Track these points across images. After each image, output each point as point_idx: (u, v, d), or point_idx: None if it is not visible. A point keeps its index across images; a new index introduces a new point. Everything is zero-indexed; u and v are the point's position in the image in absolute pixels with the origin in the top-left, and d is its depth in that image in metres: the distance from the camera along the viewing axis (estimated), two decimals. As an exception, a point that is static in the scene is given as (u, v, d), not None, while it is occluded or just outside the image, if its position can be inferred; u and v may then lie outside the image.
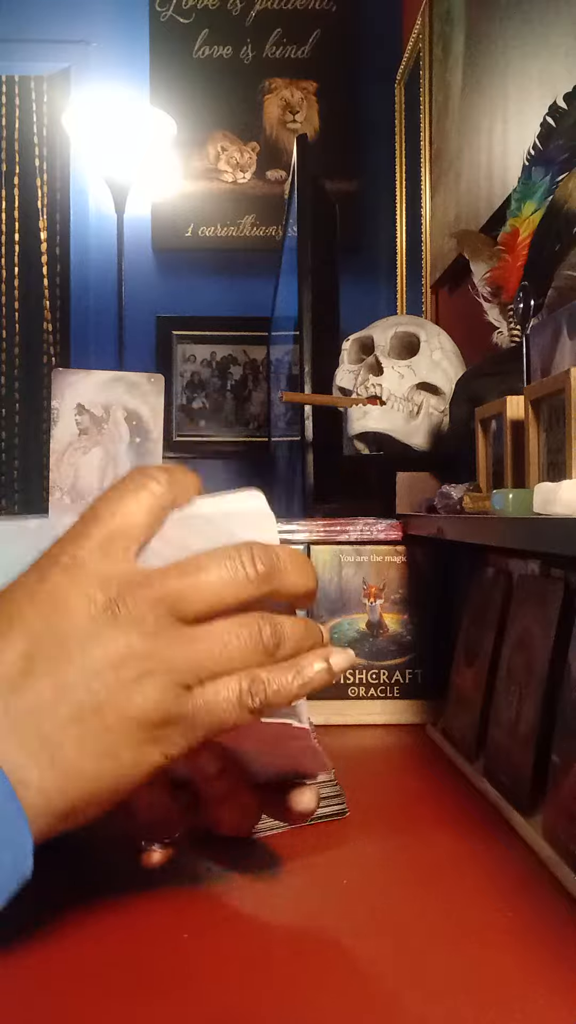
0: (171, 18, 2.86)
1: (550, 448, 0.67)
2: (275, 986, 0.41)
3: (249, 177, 2.87)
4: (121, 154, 2.49)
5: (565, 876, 0.51)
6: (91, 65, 2.88)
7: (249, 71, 2.87)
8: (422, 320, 1.33)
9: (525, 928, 0.47)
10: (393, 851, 0.58)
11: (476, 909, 0.49)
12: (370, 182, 2.81)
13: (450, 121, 1.73)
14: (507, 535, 0.64)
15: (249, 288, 2.83)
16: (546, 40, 1.16)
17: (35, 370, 3.28)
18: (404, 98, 2.24)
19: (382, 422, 1.20)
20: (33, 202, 3.25)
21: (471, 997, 0.40)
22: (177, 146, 2.76)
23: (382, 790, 0.70)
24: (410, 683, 0.93)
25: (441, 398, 1.22)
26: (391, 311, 2.41)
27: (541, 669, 0.62)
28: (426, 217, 1.94)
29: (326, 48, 2.87)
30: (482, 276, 1.00)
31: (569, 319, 0.68)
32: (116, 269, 2.65)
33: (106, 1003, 0.39)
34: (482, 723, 0.73)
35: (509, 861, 0.55)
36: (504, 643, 0.71)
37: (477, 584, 0.81)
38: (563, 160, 0.88)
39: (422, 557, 0.95)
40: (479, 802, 0.66)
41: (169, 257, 2.89)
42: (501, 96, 1.37)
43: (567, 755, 0.55)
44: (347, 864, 0.55)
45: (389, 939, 0.46)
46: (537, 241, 0.87)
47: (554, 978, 0.42)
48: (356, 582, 0.95)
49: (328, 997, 0.40)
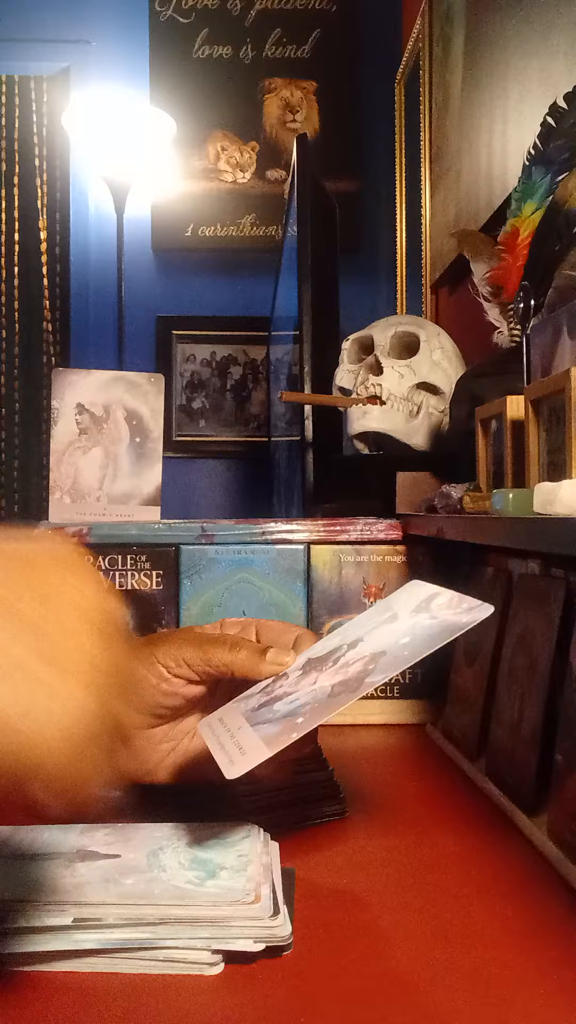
0: (171, 18, 2.86)
1: (550, 448, 0.67)
2: (275, 986, 0.41)
3: (249, 177, 2.87)
4: (121, 154, 2.49)
5: (570, 874, 0.51)
6: (91, 65, 2.87)
7: (249, 71, 2.87)
8: (422, 320, 1.33)
9: (530, 927, 0.47)
10: (394, 850, 0.58)
11: (479, 908, 0.49)
12: (370, 182, 2.81)
13: (450, 121, 1.73)
14: (507, 535, 0.64)
15: (249, 288, 2.83)
16: (546, 40, 1.16)
17: (35, 370, 3.28)
18: (404, 98, 2.24)
19: (382, 422, 1.20)
20: (33, 202, 3.25)
21: (473, 996, 0.40)
22: (177, 146, 2.76)
23: (382, 790, 0.70)
24: (410, 683, 0.93)
25: (441, 398, 1.22)
26: (391, 311, 2.41)
27: (543, 668, 0.62)
28: (426, 217, 1.94)
29: (326, 48, 2.87)
30: (482, 276, 1.00)
31: (569, 319, 0.68)
32: (116, 269, 2.65)
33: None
34: (483, 723, 0.73)
35: (512, 860, 0.55)
36: (505, 643, 0.71)
37: (477, 584, 0.81)
38: (563, 160, 0.88)
39: (422, 557, 0.95)
40: (481, 802, 0.66)
41: (169, 257, 2.89)
42: (501, 96, 1.37)
43: (570, 754, 0.55)
44: (347, 864, 0.55)
45: (390, 939, 0.46)
46: (537, 241, 0.87)
47: (555, 978, 0.42)
48: (356, 582, 0.95)
49: (328, 996, 0.40)
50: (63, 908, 0.44)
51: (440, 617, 0.54)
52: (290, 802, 0.62)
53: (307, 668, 0.56)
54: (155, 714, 0.57)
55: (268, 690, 0.56)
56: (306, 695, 0.52)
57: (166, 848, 0.52)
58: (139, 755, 0.58)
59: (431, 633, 0.52)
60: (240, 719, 0.54)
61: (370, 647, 0.54)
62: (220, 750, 0.51)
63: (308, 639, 0.60)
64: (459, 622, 0.52)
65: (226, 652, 0.56)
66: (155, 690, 0.56)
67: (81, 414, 1.06)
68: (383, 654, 0.52)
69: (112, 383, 1.07)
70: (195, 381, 2.91)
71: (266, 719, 0.52)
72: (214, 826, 0.54)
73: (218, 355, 2.92)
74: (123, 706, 0.56)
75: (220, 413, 2.91)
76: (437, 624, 0.53)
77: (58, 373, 1.07)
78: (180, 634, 0.59)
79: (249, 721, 0.53)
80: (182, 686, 0.57)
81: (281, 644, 0.60)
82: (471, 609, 0.53)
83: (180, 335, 2.90)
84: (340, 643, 0.57)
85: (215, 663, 0.56)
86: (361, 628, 0.58)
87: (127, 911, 0.44)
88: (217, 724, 0.55)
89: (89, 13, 2.86)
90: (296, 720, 0.50)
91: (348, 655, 0.55)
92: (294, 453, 1.78)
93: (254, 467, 2.88)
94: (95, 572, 0.40)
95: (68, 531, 0.96)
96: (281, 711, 0.52)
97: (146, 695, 0.56)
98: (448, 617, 0.53)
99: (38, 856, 0.51)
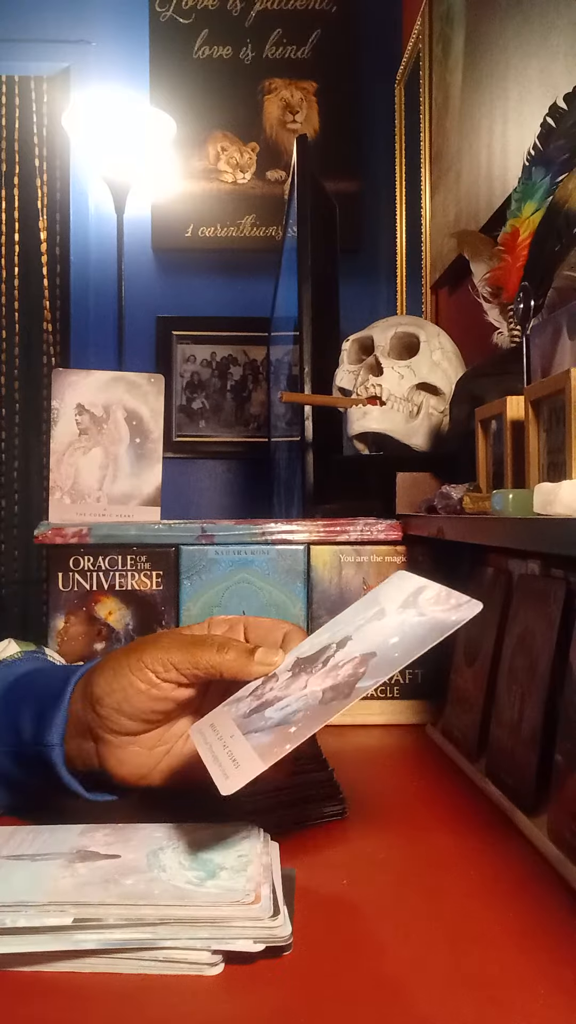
0: (171, 18, 2.86)
1: (550, 448, 0.67)
2: (275, 986, 0.41)
3: (249, 177, 2.87)
4: (121, 154, 2.49)
5: (570, 874, 0.51)
6: (91, 65, 2.87)
7: (249, 71, 2.87)
8: (422, 320, 1.33)
9: (529, 928, 0.47)
10: (394, 850, 0.58)
11: (479, 909, 0.49)
12: (370, 182, 2.81)
13: (450, 121, 1.73)
14: (507, 535, 0.64)
15: (249, 288, 2.83)
16: (546, 40, 1.16)
17: (35, 370, 3.27)
18: (404, 98, 2.24)
19: (382, 422, 1.20)
20: (33, 202, 3.25)
21: (473, 996, 0.40)
22: (177, 146, 2.76)
23: (382, 790, 0.70)
24: (410, 683, 0.93)
25: (441, 398, 1.22)
26: (391, 311, 2.41)
27: (543, 669, 0.62)
28: (426, 217, 1.94)
29: (326, 48, 2.86)
30: (482, 276, 1.00)
31: (569, 319, 0.68)
32: (116, 269, 2.65)
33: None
34: (483, 723, 0.73)
35: (512, 860, 0.55)
36: (505, 643, 0.71)
37: (477, 584, 0.81)
38: (563, 160, 0.88)
39: (422, 557, 0.95)
40: (481, 802, 0.66)
41: (169, 257, 2.89)
42: (501, 96, 1.37)
43: (570, 754, 0.55)
44: (347, 864, 0.55)
45: (390, 939, 0.46)
46: (537, 241, 0.87)
47: (555, 978, 0.42)
48: (356, 582, 0.95)
49: (328, 996, 0.40)
50: (63, 908, 0.44)
51: (429, 614, 0.53)
52: (290, 802, 0.62)
53: (296, 669, 0.55)
54: (147, 719, 0.57)
55: (258, 693, 0.55)
56: (297, 700, 0.52)
57: (166, 848, 0.52)
58: (134, 760, 0.58)
59: (420, 632, 0.52)
60: (232, 726, 0.53)
61: (359, 647, 0.54)
62: (213, 761, 0.51)
63: (297, 635, 0.60)
64: (448, 621, 0.52)
65: (214, 654, 0.56)
66: (145, 696, 0.56)
67: (81, 414, 1.06)
68: (373, 655, 0.52)
69: (112, 383, 1.07)
70: (195, 381, 2.91)
71: (258, 727, 0.51)
72: (214, 826, 0.54)
73: (218, 355, 2.91)
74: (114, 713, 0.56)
75: (220, 413, 2.91)
76: (426, 622, 0.53)
77: (58, 373, 1.07)
78: (167, 637, 0.59)
79: (241, 729, 0.52)
80: (172, 690, 0.57)
81: (269, 642, 0.60)
82: (459, 606, 0.53)
83: (180, 335, 2.90)
84: (329, 641, 0.57)
85: (203, 665, 0.56)
86: (349, 624, 0.58)
87: (127, 911, 0.44)
88: (209, 731, 0.55)
89: (89, 13, 2.86)
90: (289, 729, 0.49)
91: (337, 655, 0.54)
92: (294, 453, 1.78)
93: (254, 467, 2.88)
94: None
95: (68, 531, 0.96)
96: (273, 718, 0.51)
97: (137, 701, 0.56)
98: (437, 614, 0.53)
99: (38, 856, 0.51)
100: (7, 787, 0.63)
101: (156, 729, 0.58)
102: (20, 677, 0.65)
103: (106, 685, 0.57)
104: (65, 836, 0.54)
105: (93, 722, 0.57)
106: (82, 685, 0.59)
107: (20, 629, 3.17)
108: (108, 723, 0.57)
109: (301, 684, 0.53)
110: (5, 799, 0.63)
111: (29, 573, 3.21)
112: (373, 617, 0.57)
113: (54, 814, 0.59)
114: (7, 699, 0.63)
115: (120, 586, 0.96)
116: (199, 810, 0.56)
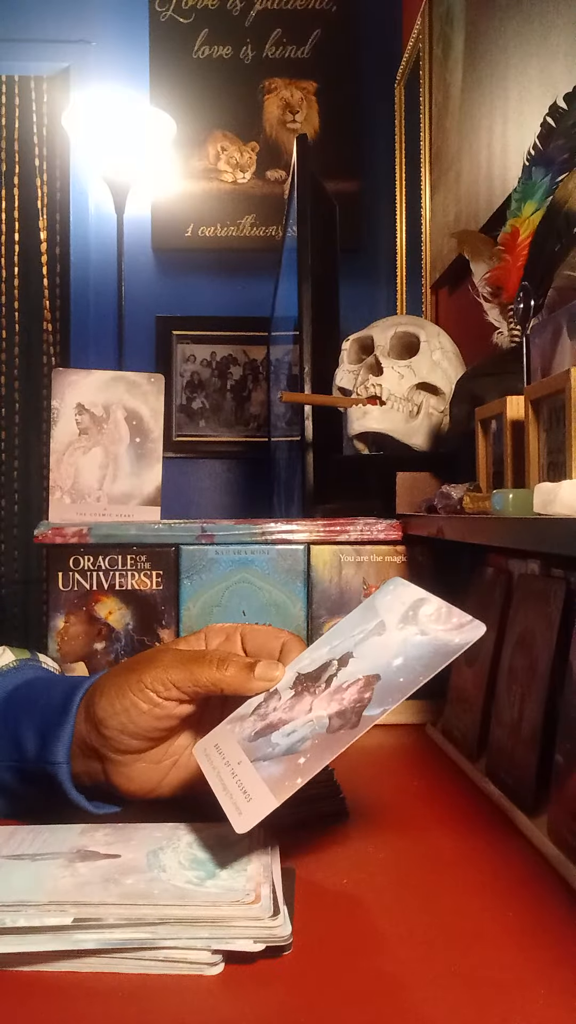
0: (171, 18, 2.86)
1: (550, 448, 0.67)
2: (275, 986, 0.41)
3: (249, 177, 2.87)
4: (121, 154, 2.49)
5: (570, 874, 0.51)
6: (91, 65, 2.87)
7: (249, 71, 2.87)
8: (422, 320, 1.33)
9: (529, 927, 0.47)
10: (394, 850, 0.58)
11: (479, 908, 0.49)
12: (370, 182, 2.81)
13: (450, 121, 1.73)
14: (507, 535, 0.64)
15: (249, 288, 2.83)
16: (546, 40, 1.16)
17: (35, 370, 3.27)
18: (404, 98, 2.24)
19: (382, 422, 1.20)
20: (33, 202, 3.25)
21: (473, 996, 0.40)
22: (177, 146, 2.76)
23: (382, 790, 0.70)
24: (410, 683, 0.93)
25: (441, 398, 1.22)
26: (391, 311, 2.41)
27: (543, 669, 0.62)
28: (426, 217, 1.94)
29: (326, 48, 2.86)
30: (482, 276, 1.00)
31: (569, 319, 0.68)
32: (116, 269, 2.65)
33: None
34: (483, 723, 0.73)
35: (512, 860, 0.55)
36: (505, 643, 0.71)
37: (477, 584, 0.81)
38: (563, 160, 0.88)
39: (422, 557, 0.95)
40: (481, 802, 0.66)
41: (169, 257, 2.89)
42: (501, 96, 1.37)
43: (570, 754, 0.55)
44: (347, 864, 0.55)
45: (389, 939, 0.46)
46: (537, 241, 0.87)
47: (555, 978, 0.42)
48: (356, 582, 0.95)
49: (328, 996, 0.40)
50: (63, 908, 0.44)
51: (431, 633, 0.53)
52: (290, 802, 0.62)
53: (299, 688, 0.56)
54: (151, 737, 0.57)
55: (262, 713, 0.55)
56: (304, 726, 0.52)
57: (166, 848, 0.52)
58: (142, 776, 0.58)
59: (424, 654, 0.52)
60: (239, 751, 0.53)
61: (362, 667, 0.54)
62: (223, 791, 0.51)
63: (295, 645, 0.60)
64: (452, 643, 0.52)
65: (213, 671, 0.56)
66: (148, 715, 0.56)
67: (81, 414, 1.06)
68: (377, 678, 0.52)
69: (112, 383, 1.07)
70: (195, 381, 2.91)
71: (266, 754, 0.52)
72: (214, 826, 0.54)
73: (218, 355, 2.91)
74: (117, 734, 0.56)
75: (220, 413, 2.91)
76: (428, 643, 0.53)
77: (58, 373, 1.07)
78: (165, 655, 0.58)
79: (248, 755, 0.52)
80: (174, 707, 0.57)
81: (267, 653, 0.60)
82: (462, 627, 0.53)
83: (180, 335, 2.90)
84: (329, 656, 0.57)
85: (203, 683, 0.56)
86: (349, 638, 0.58)
87: (127, 911, 0.44)
88: (215, 754, 0.55)
89: (89, 13, 2.86)
90: (299, 760, 0.50)
91: (340, 675, 0.54)
92: (294, 453, 1.78)
93: (254, 467, 2.88)
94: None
95: (68, 531, 0.96)
96: (281, 745, 0.52)
97: (140, 721, 0.56)
98: (440, 635, 0.53)
99: (38, 856, 0.51)
100: (6, 798, 0.63)
101: (161, 744, 0.59)
102: (18, 687, 0.65)
103: (108, 707, 0.57)
104: (65, 836, 0.54)
105: (98, 743, 0.57)
106: (84, 705, 0.59)
107: (20, 629, 3.17)
108: (113, 743, 0.57)
109: (306, 707, 0.53)
110: (4, 809, 0.63)
111: (29, 573, 3.21)
112: (373, 632, 0.57)
113: (54, 814, 0.59)
114: (6, 711, 0.63)
115: (120, 586, 0.96)
116: (199, 810, 0.56)
